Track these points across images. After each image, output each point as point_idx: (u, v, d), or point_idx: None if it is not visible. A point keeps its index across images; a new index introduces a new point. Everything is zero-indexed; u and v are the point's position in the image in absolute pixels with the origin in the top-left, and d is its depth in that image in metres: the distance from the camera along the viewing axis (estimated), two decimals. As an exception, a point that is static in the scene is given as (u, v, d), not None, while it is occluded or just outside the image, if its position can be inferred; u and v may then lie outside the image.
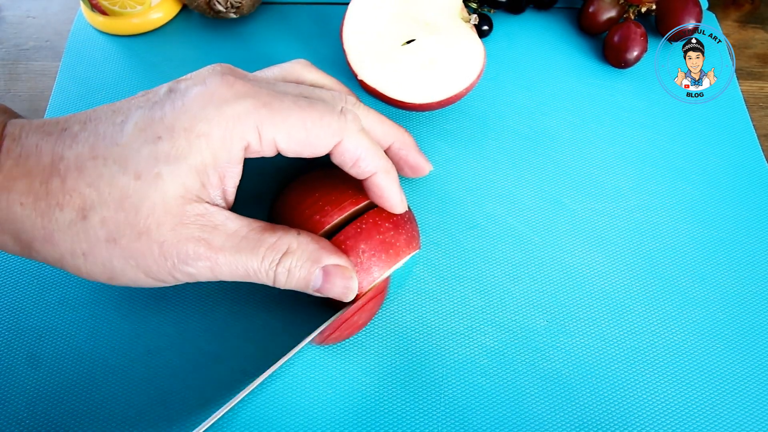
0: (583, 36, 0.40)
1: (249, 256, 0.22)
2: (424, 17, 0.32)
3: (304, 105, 0.23)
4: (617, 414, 0.27)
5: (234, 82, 0.22)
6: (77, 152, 0.21)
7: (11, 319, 0.28)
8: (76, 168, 0.20)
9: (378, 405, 0.27)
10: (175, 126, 0.21)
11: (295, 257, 0.23)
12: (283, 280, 0.23)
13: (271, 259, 0.23)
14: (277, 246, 0.23)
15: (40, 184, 0.20)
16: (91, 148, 0.21)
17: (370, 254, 0.26)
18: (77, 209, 0.20)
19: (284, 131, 0.22)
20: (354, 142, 0.24)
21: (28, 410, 0.26)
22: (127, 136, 0.21)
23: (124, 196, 0.20)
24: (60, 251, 0.21)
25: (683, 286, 0.31)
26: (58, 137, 0.21)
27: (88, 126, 0.21)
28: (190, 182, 0.21)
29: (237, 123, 0.21)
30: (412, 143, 0.29)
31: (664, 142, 0.35)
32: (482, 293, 0.30)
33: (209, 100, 0.21)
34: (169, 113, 0.21)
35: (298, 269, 0.23)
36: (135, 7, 0.37)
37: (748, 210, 0.33)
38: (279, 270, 0.23)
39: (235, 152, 0.22)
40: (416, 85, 0.30)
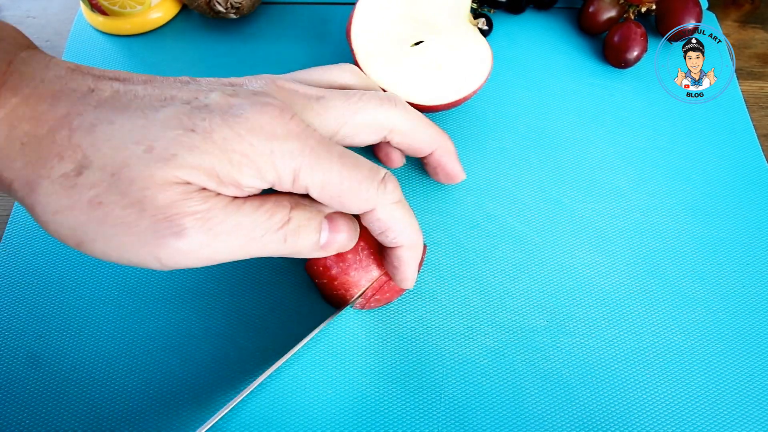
0: (583, 36, 0.40)
1: (256, 216, 0.21)
2: (432, 19, 0.32)
3: (348, 163, 0.22)
4: (617, 414, 0.27)
5: (291, 119, 0.21)
6: (97, 115, 0.20)
7: (11, 319, 0.28)
8: (90, 126, 0.19)
9: (378, 405, 0.27)
10: (216, 132, 0.20)
11: (301, 209, 0.22)
12: (294, 238, 0.22)
13: (281, 214, 0.22)
14: (281, 202, 0.22)
15: (48, 131, 0.19)
16: (114, 113, 0.20)
17: (369, 251, 0.26)
18: (75, 165, 0.19)
19: (319, 183, 0.22)
20: (386, 214, 0.23)
21: (28, 410, 0.26)
22: (160, 117, 0.20)
23: (124, 165, 0.19)
24: (34, 199, 0.19)
25: (683, 286, 0.31)
26: (82, 96, 0.20)
27: (121, 97, 0.20)
28: (204, 179, 0.20)
29: (278, 159, 0.21)
30: (453, 151, 0.30)
31: (664, 142, 0.35)
32: (482, 293, 0.30)
33: (260, 130, 0.21)
34: (216, 120, 0.20)
35: (307, 222, 0.22)
36: (135, 7, 0.37)
37: (748, 210, 0.33)
38: (290, 227, 0.22)
39: (263, 181, 0.21)
40: (424, 86, 0.30)
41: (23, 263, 0.30)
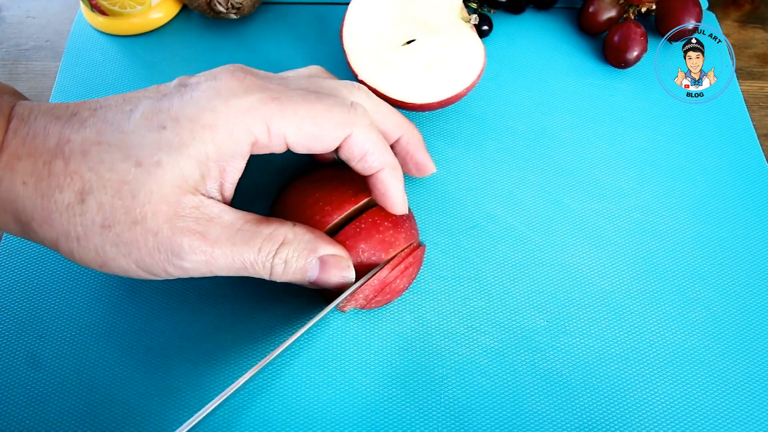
0: (583, 36, 0.40)
1: (245, 248, 0.22)
2: (424, 17, 0.32)
3: (313, 99, 0.23)
4: (617, 414, 0.27)
5: (244, 78, 0.22)
6: (83, 136, 0.21)
7: (11, 319, 0.28)
8: (81, 152, 0.20)
9: (378, 405, 0.27)
10: (180, 116, 0.21)
11: (291, 248, 0.23)
12: (280, 272, 0.23)
13: (268, 250, 0.22)
14: (274, 237, 0.23)
15: (44, 165, 0.20)
16: (98, 133, 0.21)
17: (370, 253, 0.26)
18: (76, 192, 0.20)
19: (294, 125, 0.22)
20: (363, 135, 0.23)
21: (28, 410, 0.26)
22: (133, 125, 0.21)
23: (122, 182, 0.20)
24: (56, 233, 0.21)
25: (683, 286, 0.31)
26: (66, 121, 0.21)
27: (97, 112, 0.21)
28: (189, 171, 0.21)
29: (245, 116, 0.21)
30: (421, 140, 0.30)
31: (664, 142, 0.35)
32: (482, 293, 0.30)
33: (218, 94, 0.21)
34: (177, 104, 0.21)
35: (294, 260, 0.23)
36: (135, 7, 0.37)
37: (748, 210, 0.33)
38: (276, 261, 0.23)
39: (241, 146, 0.22)
40: (417, 85, 0.30)
41: (23, 263, 0.30)
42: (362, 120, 0.23)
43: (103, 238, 0.21)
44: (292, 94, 0.22)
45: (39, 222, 0.21)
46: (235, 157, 0.22)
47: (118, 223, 0.20)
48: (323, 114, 0.22)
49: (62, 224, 0.21)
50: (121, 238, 0.21)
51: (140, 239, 0.21)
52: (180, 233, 0.21)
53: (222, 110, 0.21)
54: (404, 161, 0.30)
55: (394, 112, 0.28)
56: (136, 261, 0.21)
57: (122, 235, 0.21)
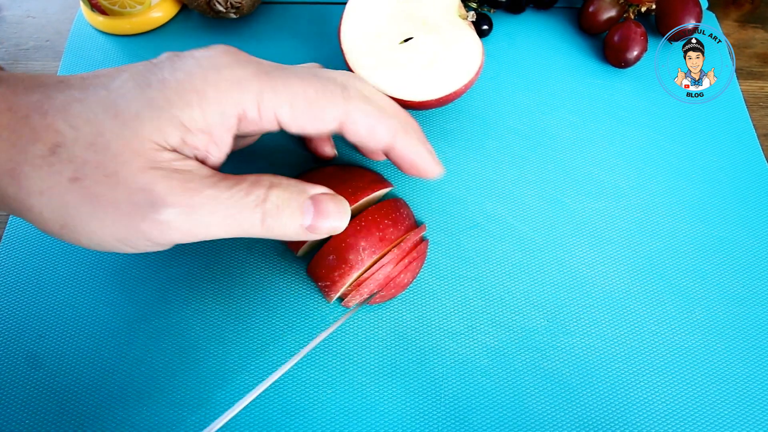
0: (583, 36, 0.40)
1: (232, 194, 0.20)
2: (422, 15, 0.32)
3: (305, 76, 0.22)
4: (617, 414, 0.27)
5: (237, 52, 0.21)
6: (68, 95, 0.20)
7: (11, 319, 0.28)
8: (62, 106, 0.20)
9: (378, 405, 0.27)
10: (168, 78, 0.20)
11: (280, 189, 0.21)
12: (273, 219, 0.21)
13: (257, 194, 0.21)
14: (259, 181, 0.21)
15: (21, 118, 0.19)
16: (82, 91, 0.20)
17: (371, 251, 0.26)
18: (50, 144, 0.19)
19: (286, 101, 0.21)
20: (362, 110, 0.23)
21: (28, 410, 0.26)
22: (118, 83, 0.20)
23: (97, 134, 0.19)
24: (18, 187, 0.19)
25: (683, 286, 0.31)
26: (52, 85, 0.20)
27: (86, 79, 0.21)
28: (170, 132, 0.20)
29: (235, 87, 0.20)
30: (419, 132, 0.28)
31: (664, 142, 0.35)
32: (482, 293, 0.30)
33: (210, 63, 0.21)
34: (167, 69, 0.21)
35: (287, 202, 0.21)
36: (135, 7, 0.37)
37: (748, 210, 0.33)
38: (267, 206, 0.21)
39: (228, 117, 0.21)
40: (415, 83, 0.30)
41: (23, 263, 0.30)
42: (356, 94, 0.23)
43: (69, 194, 0.19)
44: (286, 71, 0.22)
45: (2, 173, 0.19)
46: (221, 129, 0.21)
47: (88, 177, 0.19)
48: (317, 90, 0.22)
49: (29, 178, 0.19)
50: (91, 191, 0.19)
51: (112, 192, 0.19)
52: (158, 183, 0.19)
53: (212, 78, 0.20)
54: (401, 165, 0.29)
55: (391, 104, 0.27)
56: (106, 222, 0.19)
57: (91, 189, 0.19)
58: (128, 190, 0.19)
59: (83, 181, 0.19)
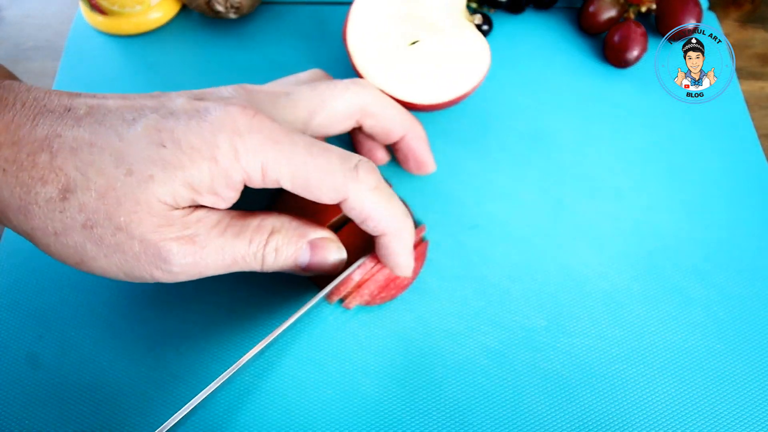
0: (583, 36, 0.40)
1: (236, 242, 0.22)
2: (429, 18, 0.32)
3: (315, 152, 0.22)
4: (617, 414, 0.27)
5: (254, 115, 0.22)
6: (76, 135, 0.20)
7: (11, 319, 0.28)
8: (70, 149, 0.20)
9: (378, 405, 0.27)
10: (182, 141, 0.20)
11: (281, 236, 0.23)
12: (272, 260, 0.23)
13: (258, 241, 0.23)
14: (262, 227, 0.23)
15: (27, 155, 0.19)
16: (92, 134, 0.20)
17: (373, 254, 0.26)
18: (59, 188, 0.20)
19: (288, 173, 0.22)
20: (361, 201, 0.23)
21: (28, 410, 0.26)
22: (132, 135, 0.20)
23: (109, 187, 0.20)
24: (32, 225, 0.20)
25: (683, 286, 0.31)
26: (60, 116, 0.20)
27: (95, 113, 0.21)
28: (181, 193, 0.21)
29: (243, 156, 0.21)
30: (425, 137, 0.30)
31: (664, 142, 0.35)
32: (482, 293, 0.30)
33: (222, 128, 0.21)
34: (182, 128, 0.21)
35: (285, 247, 0.23)
36: (134, 7, 0.37)
37: (748, 210, 0.33)
38: (267, 251, 0.23)
39: (233, 182, 0.21)
40: (423, 85, 0.30)
41: (23, 263, 0.30)
42: (362, 185, 0.23)
43: (83, 237, 0.20)
44: (296, 142, 0.22)
45: (15, 211, 0.20)
46: (229, 190, 0.22)
47: (101, 226, 0.20)
48: (319, 171, 0.22)
49: (40, 217, 0.20)
50: (103, 240, 0.20)
51: (124, 244, 0.20)
52: (168, 241, 0.21)
53: (224, 147, 0.21)
54: (405, 158, 0.30)
55: (400, 109, 0.28)
56: (119, 264, 0.21)
57: (105, 238, 0.20)
58: (140, 245, 0.20)
59: (95, 229, 0.20)
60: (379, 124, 0.28)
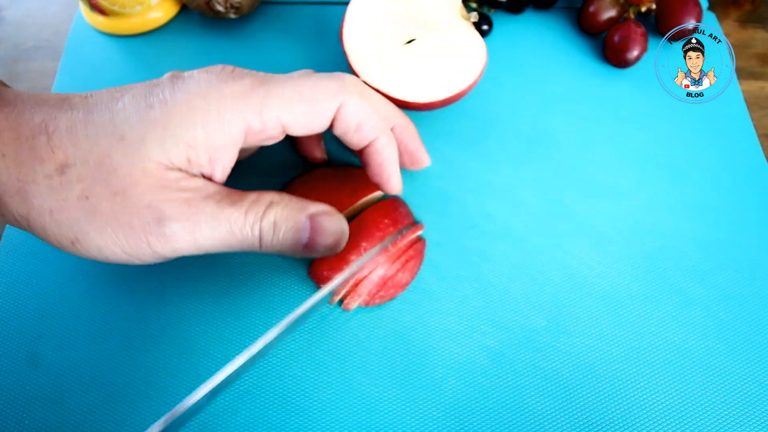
0: (583, 36, 0.40)
1: (231, 211, 0.21)
2: (425, 16, 0.32)
3: (300, 79, 0.23)
4: (617, 414, 0.27)
5: (233, 69, 0.22)
6: (71, 116, 0.21)
7: (11, 319, 0.28)
8: (66, 128, 0.20)
9: (378, 405, 0.27)
10: (169, 101, 0.21)
11: (279, 207, 0.22)
12: (270, 236, 0.22)
13: (255, 212, 0.22)
14: (260, 200, 0.22)
15: (26, 139, 0.20)
16: (85, 113, 0.21)
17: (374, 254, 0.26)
18: (57, 164, 0.20)
19: (285, 105, 0.22)
20: (355, 105, 0.23)
21: (28, 410, 0.26)
22: (120, 106, 0.21)
23: (104, 155, 0.20)
24: (28, 206, 0.20)
25: (683, 286, 0.31)
26: (55, 105, 0.21)
27: (88, 99, 0.22)
28: (176, 153, 0.21)
29: (237, 102, 0.21)
30: (415, 130, 0.30)
31: (665, 142, 0.35)
32: (482, 293, 0.30)
33: (209, 82, 0.21)
34: (167, 90, 0.21)
35: (284, 220, 0.22)
36: (134, 7, 0.37)
37: (748, 210, 0.33)
38: (264, 224, 0.22)
39: (233, 133, 0.21)
40: (420, 84, 0.30)
41: (23, 263, 0.30)
42: (352, 89, 0.24)
43: (79, 210, 0.20)
44: (280, 78, 0.23)
45: (12, 194, 0.20)
46: (227, 146, 0.22)
47: (97, 194, 0.20)
48: (312, 88, 0.22)
49: (36, 196, 0.20)
50: (99, 209, 0.20)
51: (119, 209, 0.20)
52: (162, 201, 0.20)
53: (213, 96, 0.21)
54: (399, 153, 0.30)
55: (387, 103, 0.28)
56: (114, 236, 0.20)
57: (99, 206, 0.20)
58: (136, 208, 0.20)
59: (91, 199, 0.20)
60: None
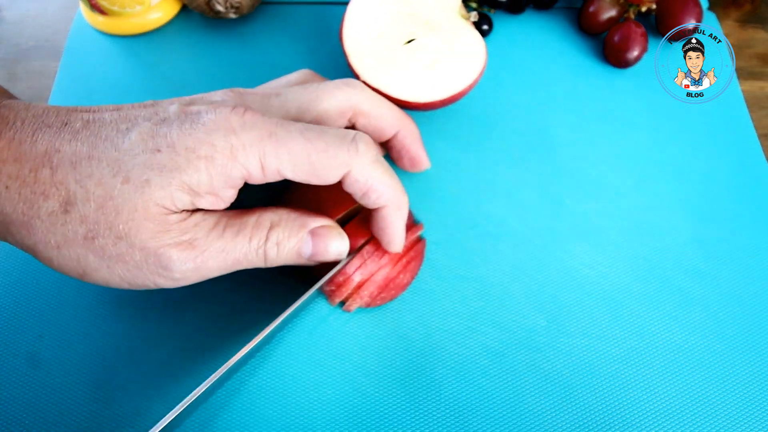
0: (583, 36, 0.40)
1: (236, 242, 0.22)
2: (424, 16, 0.32)
3: (311, 136, 0.22)
4: (617, 414, 0.27)
5: (244, 113, 0.22)
6: (75, 149, 0.21)
7: (11, 319, 0.28)
8: (70, 163, 0.20)
9: (378, 405, 0.27)
10: (177, 144, 0.21)
11: (280, 228, 0.23)
12: (274, 255, 0.23)
13: (259, 237, 0.22)
14: (260, 223, 0.23)
15: (30, 171, 0.20)
16: (90, 147, 0.21)
17: (373, 253, 0.26)
18: (61, 202, 0.20)
19: (288, 162, 0.22)
20: (364, 173, 0.23)
21: (28, 410, 0.26)
22: (128, 144, 0.21)
23: (107, 197, 0.20)
24: (34, 240, 0.21)
25: (683, 286, 0.31)
26: (57, 131, 0.21)
27: (91, 126, 0.21)
28: (179, 197, 0.21)
29: (240, 152, 0.21)
30: (417, 134, 0.30)
31: (664, 142, 0.35)
32: (482, 293, 0.30)
33: (216, 128, 0.21)
34: (175, 132, 0.21)
35: (286, 239, 0.23)
36: (134, 7, 0.37)
37: (749, 210, 0.33)
38: (268, 247, 0.23)
39: (233, 179, 0.21)
40: (420, 84, 0.30)
41: (23, 263, 0.30)
42: (363, 158, 0.23)
43: (85, 248, 0.21)
44: (290, 129, 0.22)
45: (18, 226, 0.20)
46: (227, 189, 0.22)
47: (102, 236, 0.20)
48: (319, 152, 0.22)
49: (43, 231, 0.20)
50: (105, 251, 0.21)
51: (125, 253, 0.21)
52: (167, 246, 0.21)
53: (219, 145, 0.21)
54: (399, 155, 0.30)
55: (392, 107, 0.28)
56: (121, 274, 0.21)
57: (106, 249, 0.21)
58: (141, 254, 0.21)
59: (97, 240, 0.20)
60: (371, 123, 0.28)
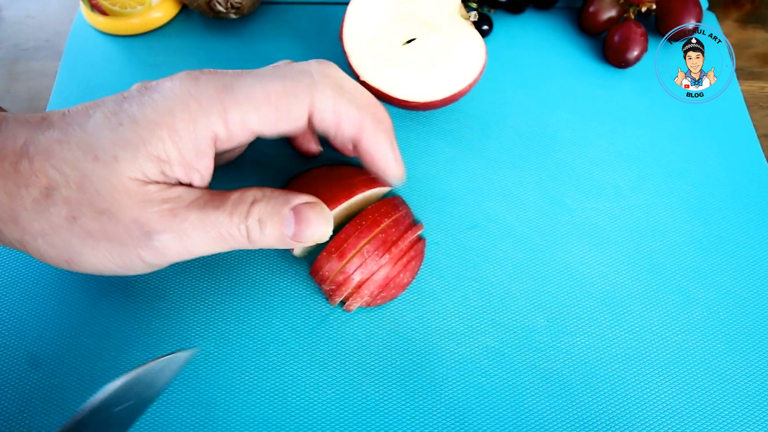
0: (583, 36, 0.40)
1: (217, 215, 0.22)
2: (424, 16, 0.32)
3: (266, 80, 0.22)
4: (617, 414, 0.27)
5: (199, 76, 0.22)
6: (48, 137, 0.21)
7: (11, 319, 0.28)
8: (45, 150, 0.21)
9: (378, 405, 0.27)
10: (139, 117, 0.21)
11: (262, 204, 0.22)
12: (257, 233, 0.22)
13: (240, 211, 0.22)
14: (242, 199, 0.22)
15: (10, 165, 0.20)
16: (61, 133, 0.21)
17: (374, 253, 0.26)
18: (42, 189, 0.20)
19: (251, 111, 0.21)
20: (328, 101, 0.22)
21: (28, 410, 0.26)
22: (92, 123, 0.21)
23: (83, 177, 0.20)
24: (22, 231, 0.21)
25: (683, 286, 0.31)
26: (36, 125, 0.21)
27: (66, 117, 0.22)
28: (148, 168, 0.21)
29: (201, 114, 0.21)
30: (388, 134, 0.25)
31: (664, 142, 0.35)
32: (482, 293, 0.30)
33: (173, 95, 0.21)
34: (135, 106, 0.21)
35: (268, 216, 0.22)
36: (135, 7, 0.37)
37: (748, 210, 0.33)
38: (250, 222, 0.22)
39: (201, 145, 0.21)
40: (420, 84, 0.30)
41: (23, 263, 0.30)
42: (322, 86, 0.22)
43: (69, 232, 0.21)
44: (245, 79, 0.22)
45: (5, 221, 0.21)
46: (198, 156, 0.22)
47: (84, 215, 0.20)
48: (278, 91, 0.22)
49: (28, 221, 0.21)
50: (88, 228, 0.21)
51: (108, 227, 0.21)
52: (147, 215, 0.21)
53: (179, 109, 0.21)
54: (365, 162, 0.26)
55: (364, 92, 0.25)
56: (106, 254, 0.21)
57: (89, 226, 0.21)
58: (123, 224, 0.21)
59: (80, 219, 0.21)
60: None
